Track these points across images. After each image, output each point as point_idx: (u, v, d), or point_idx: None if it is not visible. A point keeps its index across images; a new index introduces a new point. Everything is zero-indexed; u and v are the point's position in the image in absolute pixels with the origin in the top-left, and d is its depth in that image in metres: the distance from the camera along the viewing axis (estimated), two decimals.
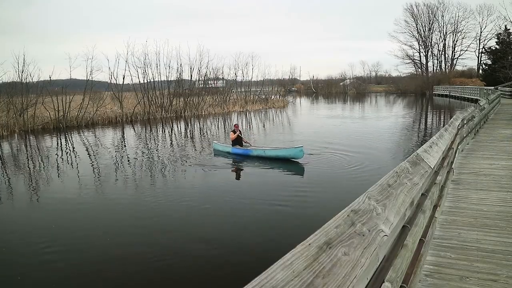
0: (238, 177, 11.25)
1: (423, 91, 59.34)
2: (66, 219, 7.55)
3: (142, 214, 7.72)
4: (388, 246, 1.49)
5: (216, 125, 26.15)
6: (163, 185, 10.14)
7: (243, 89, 42.39)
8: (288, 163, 11.85)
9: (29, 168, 13.12)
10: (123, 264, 5.53)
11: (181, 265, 5.47)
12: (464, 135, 7.84)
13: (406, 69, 73.24)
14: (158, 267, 5.34)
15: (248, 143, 14.24)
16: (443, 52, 67.47)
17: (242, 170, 11.86)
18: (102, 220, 7.50)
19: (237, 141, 13.76)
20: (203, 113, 33.34)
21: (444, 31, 65.80)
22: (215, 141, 15.38)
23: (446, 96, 49.67)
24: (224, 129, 22.85)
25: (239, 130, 13.94)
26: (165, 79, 34.72)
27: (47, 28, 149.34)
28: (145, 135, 21.76)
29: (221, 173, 11.27)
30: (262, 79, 46.14)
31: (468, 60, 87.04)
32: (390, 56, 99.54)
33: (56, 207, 8.40)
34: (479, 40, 63.29)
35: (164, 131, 23.94)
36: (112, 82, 30.87)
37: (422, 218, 2.30)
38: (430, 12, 65.25)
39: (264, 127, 24.78)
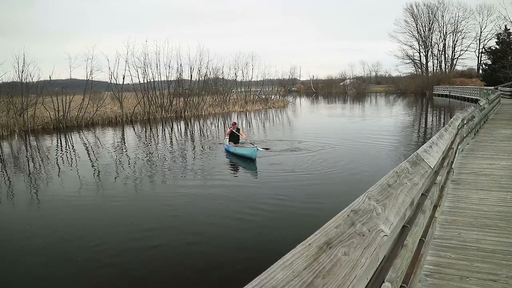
0: (238, 177, 11.24)
1: (423, 91, 59.33)
2: (65, 219, 7.55)
3: (142, 214, 7.72)
4: (388, 246, 1.49)
5: (216, 125, 26.15)
6: (163, 185, 10.13)
7: (243, 89, 42.40)
8: (291, 162, 11.87)
9: (29, 168, 13.11)
10: (123, 264, 5.53)
11: (181, 265, 5.47)
12: (464, 135, 7.84)
13: (406, 69, 73.57)
14: (158, 267, 5.35)
15: (247, 140, 14.26)
16: (443, 52, 67.58)
17: (241, 170, 11.86)
18: (102, 220, 7.50)
19: (232, 138, 13.95)
20: (203, 113, 33.35)
21: (444, 31, 65.93)
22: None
23: (446, 96, 49.68)
24: (224, 129, 22.84)
25: (237, 128, 14.17)
26: (165, 79, 34.79)
27: (47, 28, 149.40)
28: (145, 135, 21.77)
29: (221, 173, 11.26)
30: (262, 79, 46.21)
31: (468, 60, 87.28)
32: (390, 56, 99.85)
33: (55, 207, 8.40)
34: (479, 40, 63.44)
35: (164, 131, 23.94)
36: (112, 82, 30.95)
37: (422, 218, 2.30)
38: (430, 12, 65.39)
39: (264, 126, 24.78)
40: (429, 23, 66.28)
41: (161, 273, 5.18)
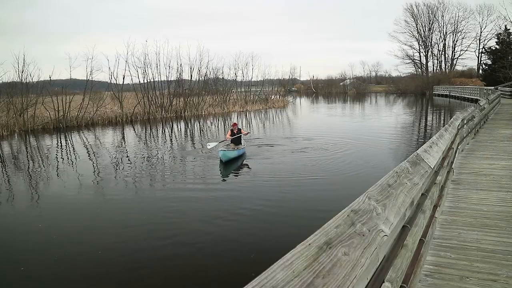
0: (238, 177, 11.24)
1: (423, 91, 59.31)
2: (65, 219, 7.56)
3: (142, 214, 7.71)
4: (388, 246, 1.49)
5: (216, 125, 26.15)
6: (163, 185, 10.13)
7: (243, 89, 42.40)
8: (292, 162, 11.88)
9: (29, 168, 13.11)
10: (123, 264, 5.54)
11: (181, 266, 5.46)
12: (464, 135, 7.84)
13: (406, 69, 73.26)
14: (158, 266, 5.35)
15: (245, 133, 14.24)
16: (443, 52, 67.57)
17: (241, 170, 11.85)
18: (102, 220, 7.50)
19: (233, 140, 13.61)
20: (203, 113, 33.35)
21: (444, 31, 65.92)
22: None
23: (446, 96, 49.67)
24: (224, 129, 22.83)
25: (238, 129, 13.88)
26: (165, 79, 34.78)
27: (48, 28, 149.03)
28: (145, 135, 21.77)
29: (220, 173, 11.26)
30: (262, 79, 46.21)
31: (468, 60, 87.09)
32: (390, 56, 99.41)
33: (55, 207, 8.40)
34: (479, 40, 63.40)
35: (164, 131, 23.94)
36: (112, 82, 30.96)
37: (422, 218, 2.30)
38: (430, 12, 65.37)
39: (264, 126, 24.78)
40: (429, 23, 66.32)
41: (161, 272, 5.18)
